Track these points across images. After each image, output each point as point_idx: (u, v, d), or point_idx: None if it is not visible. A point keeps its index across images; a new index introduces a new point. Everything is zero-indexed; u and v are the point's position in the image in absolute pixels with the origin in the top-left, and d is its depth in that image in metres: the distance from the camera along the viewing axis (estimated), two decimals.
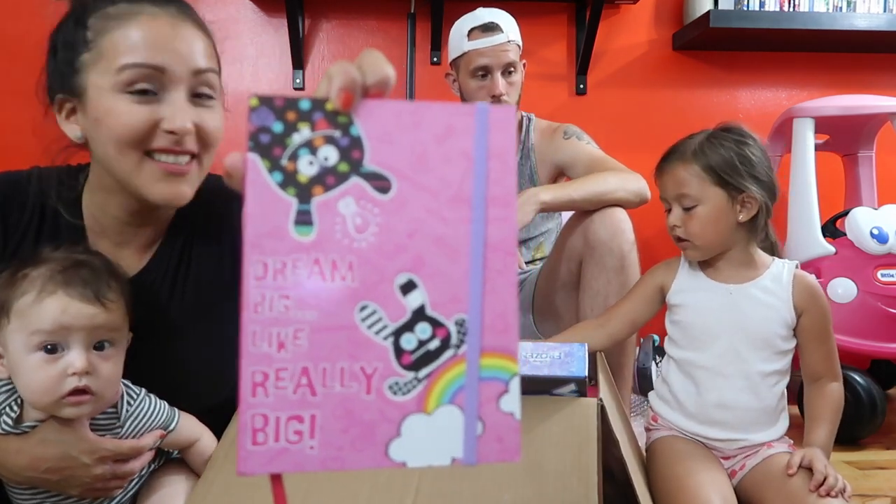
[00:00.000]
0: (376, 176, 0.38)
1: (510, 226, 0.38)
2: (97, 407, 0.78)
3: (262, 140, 0.37)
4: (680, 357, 1.10)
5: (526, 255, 1.69)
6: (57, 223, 0.89)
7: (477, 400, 0.37)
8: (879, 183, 2.13)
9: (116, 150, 0.80)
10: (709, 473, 1.01)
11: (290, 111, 0.37)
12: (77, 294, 0.75)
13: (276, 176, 0.37)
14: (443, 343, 0.38)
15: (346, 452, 0.37)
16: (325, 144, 0.37)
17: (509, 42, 1.56)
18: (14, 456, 0.75)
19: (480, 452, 0.37)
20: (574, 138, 1.62)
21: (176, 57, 0.79)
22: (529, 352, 0.86)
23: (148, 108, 0.79)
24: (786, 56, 2.36)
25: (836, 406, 1.06)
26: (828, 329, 1.07)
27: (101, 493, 0.81)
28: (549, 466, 0.78)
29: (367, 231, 0.37)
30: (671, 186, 1.08)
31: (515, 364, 0.38)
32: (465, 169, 0.38)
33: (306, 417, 0.36)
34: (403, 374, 0.37)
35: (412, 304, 0.38)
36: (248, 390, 0.36)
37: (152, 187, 0.81)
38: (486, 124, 0.39)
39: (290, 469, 0.36)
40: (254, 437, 0.36)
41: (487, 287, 0.38)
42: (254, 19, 2.23)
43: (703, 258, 1.10)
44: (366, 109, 0.38)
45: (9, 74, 1.94)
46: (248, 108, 0.37)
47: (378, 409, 0.37)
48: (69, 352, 0.75)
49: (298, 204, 0.37)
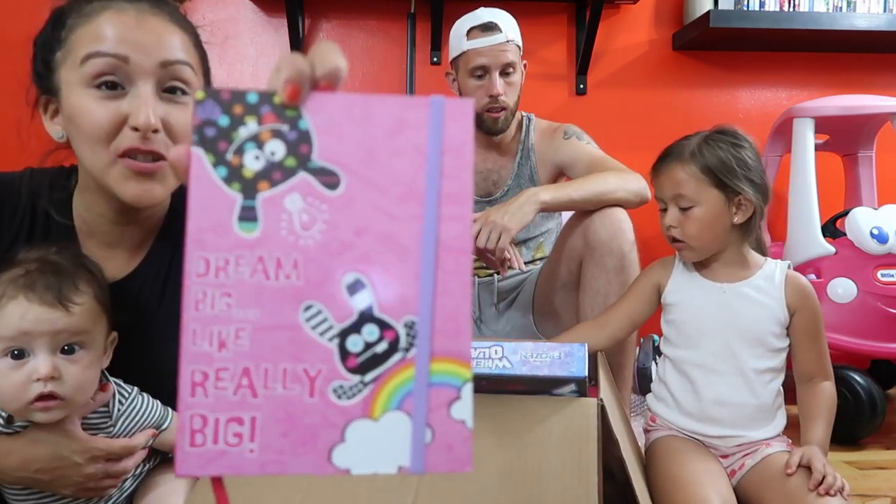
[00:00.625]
0: (324, 171, 0.36)
1: (465, 224, 0.36)
2: (71, 410, 0.77)
3: (207, 134, 0.36)
4: (675, 356, 1.11)
5: (526, 255, 1.68)
6: (48, 225, 0.88)
7: (426, 406, 0.36)
8: (879, 183, 2.13)
9: (88, 148, 0.79)
10: (708, 473, 1.01)
11: (237, 104, 0.36)
12: (37, 298, 0.73)
13: (220, 171, 0.36)
14: (391, 346, 0.36)
15: (286, 457, 0.35)
16: (273, 139, 0.36)
17: (508, 42, 1.56)
18: (5, 457, 0.75)
19: (429, 461, 0.35)
20: (574, 138, 1.62)
21: (140, 47, 0.77)
22: (529, 352, 0.86)
23: (113, 104, 0.77)
24: (786, 56, 2.36)
25: (831, 404, 1.06)
26: (819, 329, 1.08)
27: (94, 492, 0.80)
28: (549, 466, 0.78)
29: (313, 228, 0.36)
30: (668, 187, 1.08)
31: (468, 370, 0.36)
32: (417, 164, 0.37)
33: (246, 419, 0.35)
34: (349, 377, 0.36)
35: (359, 304, 0.36)
36: (187, 390, 0.35)
37: (122, 186, 0.79)
38: (442, 118, 0.37)
39: (229, 472, 0.35)
40: (192, 439, 0.35)
41: (439, 288, 0.36)
42: (254, 19, 2.23)
43: (699, 259, 1.11)
44: (315, 103, 0.37)
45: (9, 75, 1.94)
46: (194, 101, 0.36)
47: (321, 413, 0.35)
48: (34, 357, 0.74)
49: (243, 200, 0.36)
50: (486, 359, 0.86)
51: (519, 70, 1.60)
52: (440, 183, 0.37)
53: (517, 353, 0.86)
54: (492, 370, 0.85)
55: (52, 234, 0.88)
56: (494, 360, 0.86)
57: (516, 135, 1.67)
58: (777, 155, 2.10)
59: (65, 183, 0.90)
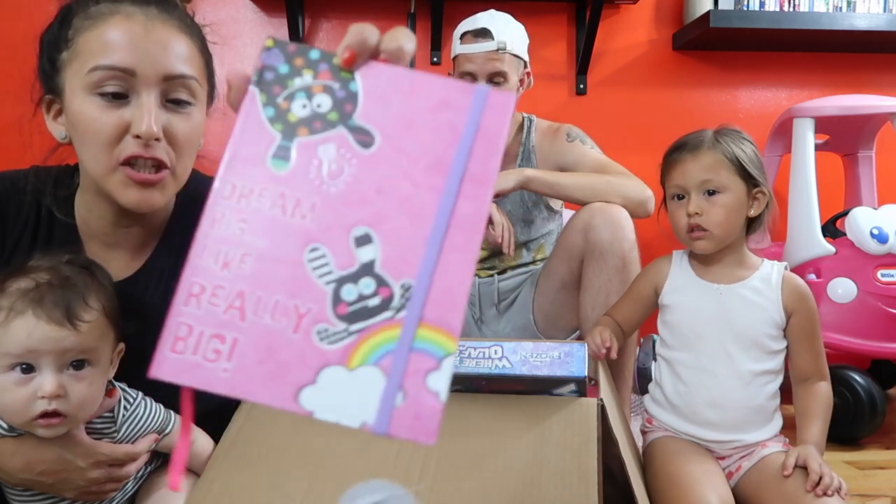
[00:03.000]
0: (362, 130, 0.39)
1: (481, 205, 0.38)
2: (75, 426, 0.76)
3: (266, 77, 0.40)
4: (671, 357, 1.11)
5: (526, 256, 1.69)
6: (51, 223, 0.89)
7: (403, 369, 0.36)
8: (879, 183, 2.13)
9: (90, 153, 0.79)
10: (706, 473, 1.01)
11: (299, 57, 0.40)
12: (45, 315, 0.72)
13: (268, 110, 0.39)
14: (383, 303, 0.37)
15: (256, 385, 0.36)
16: (322, 93, 0.39)
17: (500, 51, 1.52)
18: (9, 458, 0.75)
19: (393, 424, 0.35)
20: (578, 142, 1.61)
21: (147, 59, 0.77)
22: (529, 352, 0.86)
23: (117, 112, 0.77)
24: (786, 56, 2.36)
25: (827, 404, 1.06)
26: (816, 330, 1.08)
27: (96, 496, 0.81)
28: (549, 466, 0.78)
29: (338, 178, 0.38)
30: (696, 172, 1.07)
31: (454, 343, 0.36)
32: (449, 141, 0.39)
33: (228, 339, 0.36)
34: (335, 323, 0.37)
35: (363, 257, 0.37)
36: (182, 298, 0.37)
37: (122, 193, 0.80)
38: (483, 105, 0.39)
39: (199, 385, 0.36)
40: (174, 345, 0.37)
41: (442, 259, 0.37)
42: (254, 19, 2.23)
43: (714, 250, 1.09)
44: (370, 70, 0.40)
45: (11, 74, 1.94)
46: (263, 47, 0.40)
47: (300, 350, 0.36)
48: (40, 374, 0.73)
49: (281, 139, 0.39)
50: (486, 359, 0.86)
51: (512, 80, 1.54)
52: (467, 162, 0.38)
53: (517, 353, 0.86)
54: (492, 370, 0.85)
55: (55, 232, 0.88)
56: (494, 360, 0.86)
57: (517, 136, 1.67)
58: (777, 155, 2.10)
59: (68, 181, 0.90)
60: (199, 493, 0.81)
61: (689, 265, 1.13)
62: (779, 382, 1.08)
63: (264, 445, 0.84)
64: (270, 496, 0.79)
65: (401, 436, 0.35)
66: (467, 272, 0.37)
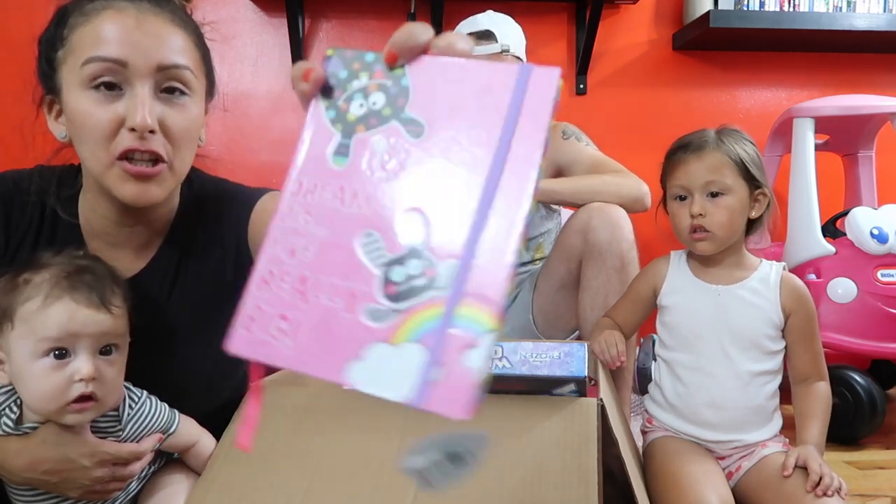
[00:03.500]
0: (412, 122, 0.41)
1: (527, 183, 0.38)
2: (101, 412, 0.78)
3: (328, 84, 0.43)
4: (670, 358, 1.11)
5: (525, 256, 1.69)
6: (55, 223, 0.89)
7: (443, 345, 0.37)
8: (879, 183, 2.13)
9: (88, 149, 0.79)
10: (706, 473, 1.01)
11: (356, 61, 0.43)
12: (84, 300, 0.75)
13: (330, 113, 0.43)
14: (429, 282, 0.38)
15: (312, 359, 0.39)
16: (377, 91, 0.42)
17: (503, 52, 1.53)
18: (14, 457, 0.75)
19: (429, 398, 0.36)
20: (574, 139, 1.61)
21: (138, 50, 0.77)
22: (529, 352, 0.86)
23: (111, 107, 0.77)
24: (786, 56, 2.36)
25: (826, 404, 1.06)
26: (815, 330, 1.08)
27: (100, 495, 0.81)
28: (549, 466, 0.78)
29: (391, 168, 0.41)
30: (702, 172, 1.06)
31: (495, 320, 0.37)
32: (494, 124, 0.40)
33: (292, 319, 0.40)
34: (384, 303, 0.39)
35: (412, 240, 0.39)
36: (257, 282, 0.41)
37: (120, 187, 0.80)
38: (526, 83, 0.40)
39: (265, 360, 0.40)
40: (247, 324, 0.40)
41: (485, 239, 0.38)
42: (254, 19, 2.23)
43: (715, 252, 1.08)
44: (420, 64, 0.42)
45: (13, 75, 1.94)
46: (324, 56, 0.43)
47: (350, 328, 0.39)
48: (76, 358, 0.74)
49: (341, 138, 0.42)
50: None
51: None
52: (511, 142, 0.39)
53: (517, 353, 0.86)
54: (491, 370, 0.85)
55: (59, 232, 0.89)
56: (494, 360, 0.86)
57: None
58: (777, 155, 2.10)
59: (72, 181, 0.90)
60: (200, 492, 0.81)
61: (688, 266, 1.13)
62: (778, 382, 1.08)
63: (264, 445, 0.84)
64: (270, 496, 0.79)
65: (434, 409, 0.36)
66: (510, 251, 0.38)
